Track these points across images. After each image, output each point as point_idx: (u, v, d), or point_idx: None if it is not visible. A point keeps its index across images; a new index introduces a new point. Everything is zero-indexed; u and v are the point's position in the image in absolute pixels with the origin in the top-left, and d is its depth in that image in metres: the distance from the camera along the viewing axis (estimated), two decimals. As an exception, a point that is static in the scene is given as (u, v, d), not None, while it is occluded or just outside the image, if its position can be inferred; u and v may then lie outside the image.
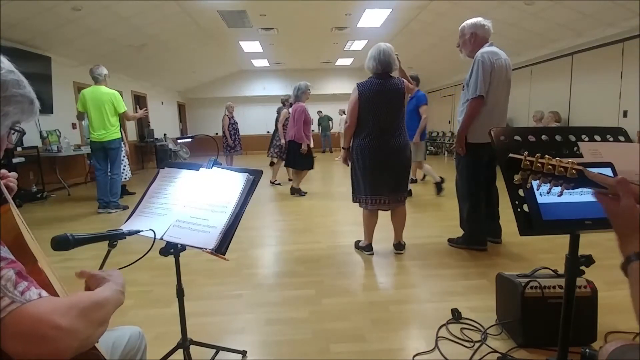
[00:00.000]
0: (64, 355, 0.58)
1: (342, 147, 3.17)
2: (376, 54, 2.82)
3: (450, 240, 3.23)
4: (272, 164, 6.96)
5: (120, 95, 4.95)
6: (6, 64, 0.70)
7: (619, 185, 0.80)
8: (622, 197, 0.79)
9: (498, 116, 2.90)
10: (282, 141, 6.21)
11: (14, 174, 0.98)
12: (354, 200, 3.05)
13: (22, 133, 0.81)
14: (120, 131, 4.94)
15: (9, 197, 0.82)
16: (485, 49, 2.84)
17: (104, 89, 4.74)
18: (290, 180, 6.49)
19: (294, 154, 5.69)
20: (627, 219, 0.79)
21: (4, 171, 0.95)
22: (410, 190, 5.23)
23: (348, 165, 3.08)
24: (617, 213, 0.80)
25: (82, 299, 0.68)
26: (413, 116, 5.22)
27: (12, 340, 0.56)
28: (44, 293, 0.63)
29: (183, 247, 1.36)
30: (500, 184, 1.21)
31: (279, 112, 6.81)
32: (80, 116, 4.98)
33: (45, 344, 0.56)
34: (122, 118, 4.98)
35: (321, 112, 14.11)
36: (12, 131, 0.77)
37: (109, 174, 4.92)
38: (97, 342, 0.77)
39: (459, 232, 3.24)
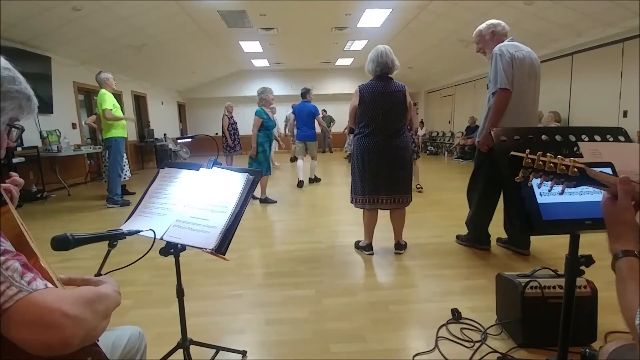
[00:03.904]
0: (70, 343, 0.58)
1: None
2: (375, 57, 2.84)
3: (458, 237, 3.24)
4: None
5: (121, 95, 5.18)
6: (2, 61, 0.71)
7: (621, 184, 0.80)
8: (620, 197, 0.79)
9: (525, 114, 2.67)
10: None
11: (20, 181, 0.96)
12: (352, 201, 3.05)
13: (21, 130, 0.81)
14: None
15: (8, 200, 0.82)
16: (504, 42, 2.75)
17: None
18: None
19: None
20: (620, 218, 0.79)
21: (13, 174, 0.94)
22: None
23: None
24: (612, 211, 0.81)
25: (87, 290, 0.69)
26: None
27: (20, 328, 0.56)
28: (50, 285, 0.64)
29: (183, 247, 1.36)
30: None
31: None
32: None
33: (53, 331, 0.57)
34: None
35: (325, 111, 14.09)
36: (11, 128, 0.77)
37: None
38: (98, 340, 0.77)
39: (459, 232, 3.25)
